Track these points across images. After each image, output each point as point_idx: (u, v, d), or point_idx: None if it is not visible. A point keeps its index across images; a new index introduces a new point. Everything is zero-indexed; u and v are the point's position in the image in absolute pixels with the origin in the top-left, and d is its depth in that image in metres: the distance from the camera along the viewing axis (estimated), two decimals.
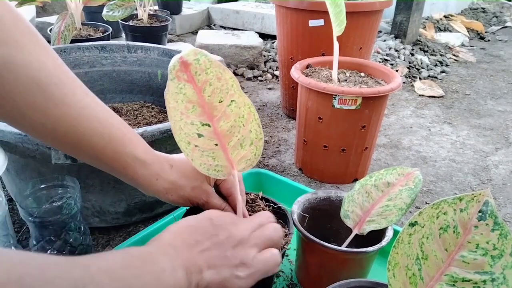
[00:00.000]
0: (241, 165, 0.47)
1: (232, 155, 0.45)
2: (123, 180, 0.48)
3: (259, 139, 0.45)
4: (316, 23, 1.15)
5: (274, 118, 1.37)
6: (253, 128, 0.45)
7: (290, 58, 1.26)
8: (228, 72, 0.42)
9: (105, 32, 1.48)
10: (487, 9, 3.37)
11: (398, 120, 1.40)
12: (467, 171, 1.09)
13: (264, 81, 1.72)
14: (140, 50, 1.11)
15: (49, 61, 0.41)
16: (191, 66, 0.40)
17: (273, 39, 2.25)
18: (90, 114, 0.44)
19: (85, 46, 1.06)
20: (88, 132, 0.43)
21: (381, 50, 2.03)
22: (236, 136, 0.44)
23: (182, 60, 0.40)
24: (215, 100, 0.42)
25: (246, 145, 0.45)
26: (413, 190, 0.57)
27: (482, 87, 1.76)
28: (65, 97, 0.42)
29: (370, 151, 0.96)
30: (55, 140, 0.44)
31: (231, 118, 0.43)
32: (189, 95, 0.42)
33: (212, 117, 0.43)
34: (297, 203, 0.63)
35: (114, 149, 0.45)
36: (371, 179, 0.61)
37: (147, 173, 0.46)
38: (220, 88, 0.42)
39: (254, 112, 0.44)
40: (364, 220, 0.58)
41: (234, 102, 0.43)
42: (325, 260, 0.59)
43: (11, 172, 0.73)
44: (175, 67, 0.41)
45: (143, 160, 0.46)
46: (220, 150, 0.45)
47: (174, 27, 2.39)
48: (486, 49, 2.41)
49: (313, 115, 0.91)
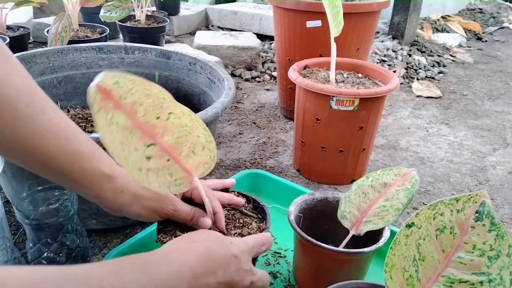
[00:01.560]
0: (199, 170, 0.46)
1: (187, 164, 0.44)
2: (88, 197, 0.48)
3: (209, 142, 0.45)
4: (313, 24, 1.15)
5: (272, 119, 1.37)
6: (200, 133, 0.44)
7: (288, 59, 1.26)
8: (155, 86, 0.40)
9: (103, 33, 1.48)
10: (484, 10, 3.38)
11: (396, 121, 1.40)
12: (464, 172, 1.09)
13: (262, 82, 1.72)
14: (138, 51, 1.11)
15: (19, 78, 0.42)
16: (113, 91, 0.37)
17: (271, 40, 2.25)
18: (59, 132, 0.44)
19: (82, 47, 1.06)
20: (57, 150, 0.43)
21: (378, 51, 2.03)
22: (185, 145, 0.43)
23: (100, 88, 0.37)
24: (151, 118, 0.40)
25: (198, 151, 0.44)
26: (409, 190, 0.57)
27: (480, 88, 1.77)
28: (35, 115, 0.42)
29: (367, 152, 0.96)
30: (21, 158, 0.44)
31: (175, 130, 0.42)
32: (122, 122, 0.38)
33: (154, 136, 0.41)
34: (294, 204, 0.63)
35: (81, 166, 0.45)
36: (367, 179, 0.61)
37: (112, 187, 0.47)
38: (152, 104, 0.40)
39: (196, 118, 0.43)
40: (361, 221, 0.58)
41: (172, 114, 0.41)
42: (322, 261, 0.59)
43: (8, 174, 0.72)
44: (96, 97, 0.37)
45: (109, 174, 0.46)
46: (174, 164, 0.43)
47: (172, 28, 2.39)
48: (484, 50, 2.42)
49: (310, 116, 0.91)
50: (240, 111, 1.42)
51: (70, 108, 1.04)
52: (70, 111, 1.01)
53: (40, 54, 0.99)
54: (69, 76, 1.05)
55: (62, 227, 0.59)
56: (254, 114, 1.40)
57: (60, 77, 1.04)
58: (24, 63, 0.96)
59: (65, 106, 1.05)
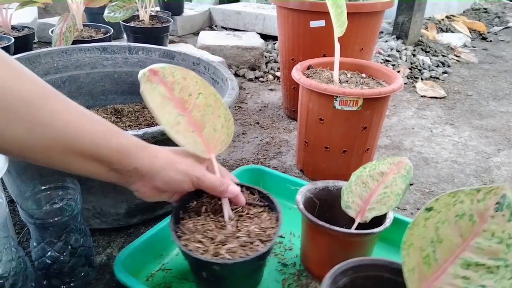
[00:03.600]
0: (217, 147, 0.54)
1: (208, 141, 0.53)
2: (123, 175, 0.49)
3: (228, 120, 0.54)
4: (317, 24, 1.15)
5: (275, 119, 1.36)
6: (221, 112, 0.53)
7: (291, 59, 1.26)
8: (191, 72, 0.50)
9: (107, 33, 1.48)
10: (489, 10, 3.36)
11: (400, 121, 1.39)
12: (469, 173, 1.08)
13: (265, 82, 1.72)
14: (142, 51, 1.11)
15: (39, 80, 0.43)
16: (159, 72, 0.48)
17: (274, 40, 2.25)
18: (89, 116, 0.45)
19: (87, 47, 1.06)
20: (94, 132, 0.45)
21: (382, 51, 2.02)
22: (208, 123, 0.52)
23: (150, 69, 0.48)
24: (185, 95, 0.50)
25: (218, 128, 0.53)
26: (406, 176, 0.62)
27: (484, 88, 1.76)
28: (65, 105, 0.43)
29: (371, 153, 0.96)
30: (64, 154, 0.43)
31: (201, 108, 0.51)
32: (162, 92, 0.49)
33: (184, 110, 0.50)
34: (300, 193, 0.66)
35: (118, 141, 0.47)
36: (365, 170, 0.65)
37: (147, 153, 0.49)
38: (187, 85, 0.50)
39: (219, 99, 0.52)
40: (365, 209, 0.62)
41: (201, 94, 0.51)
42: (332, 244, 0.62)
43: (12, 173, 0.73)
44: (145, 74, 0.47)
45: (142, 144, 0.49)
46: (197, 136, 0.52)
47: (175, 28, 2.39)
48: (488, 50, 2.41)
49: (314, 116, 0.91)
50: (244, 111, 1.42)
51: None
52: None
53: (44, 54, 1.00)
54: (73, 76, 1.06)
55: (66, 226, 0.60)
56: (258, 114, 1.40)
57: (65, 77, 1.04)
58: (29, 63, 0.96)
59: None
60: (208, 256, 0.50)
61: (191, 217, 0.56)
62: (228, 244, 0.52)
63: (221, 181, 0.53)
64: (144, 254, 0.66)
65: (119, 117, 1.05)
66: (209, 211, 0.57)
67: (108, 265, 0.71)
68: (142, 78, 0.47)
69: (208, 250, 0.51)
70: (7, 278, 0.50)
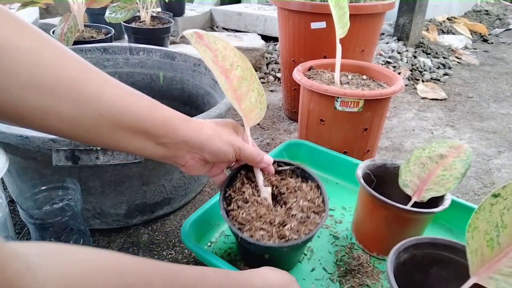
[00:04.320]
0: (252, 119, 0.56)
1: (244, 111, 0.55)
2: (170, 149, 0.48)
3: (261, 95, 0.55)
4: (318, 26, 1.15)
5: (276, 120, 1.36)
6: (255, 87, 0.55)
7: (292, 60, 1.26)
8: (230, 45, 0.52)
9: (108, 34, 1.48)
10: (490, 12, 3.36)
11: (401, 123, 1.39)
12: (469, 175, 1.08)
13: (266, 83, 1.72)
14: (142, 52, 1.11)
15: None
16: (204, 36, 0.50)
17: (275, 41, 2.25)
18: (129, 89, 0.44)
19: (88, 48, 1.07)
20: (136, 107, 0.43)
21: (383, 52, 2.02)
22: (244, 95, 0.54)
23: (196, 32, 0.50)
24: (227, 63, 0.52)
25: (253, 102, 0.55)
26: (465, 161, 0.63)
27: (485, 90, 1.76)
28: (108, 80, 0.42)
29: (372, 154, 0.96)
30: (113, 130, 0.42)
31: (239, 80, 0.53)
32: (211, 56, 0.51)
33: (228, 78, 0.52)
34: (360, 168, 0.69)
35: (162, 114, 0.46)
36: (424, 151, 0.66)
37: (193, 125, 0.49)
38: (228, 55, 0.52)
39: (254, 74, 0.54)
40: (422, 189, 0.64)
41: (239, 67, 0.53)
42: (390, 220, 0.64)
43: (13, 173, 0.73)
44: (193, 35, 0.49)
45: (185, 117, 0.49)
46: (236, 102, 0.54)
47: (176, 29, 2.39)
48: (490, 52, 2.41)
49: (315, 117, 0.91)
50: None
51: None
52: None
53: None
54: None
55: (66, 226, 0.59)
56: None
57: None
58: None
59: None
60: (275, 241, 0.52)
61: (239, 206, 0.57)
62: (288, 224, 0.54)
63: (258, 152, 0.55)
64: (204, 223, 0.70)
65: None
66: (252, 192, 0.58)
67: None
68: (191, 38, 0.49)
69: (272, 235, 0.53)
70: None
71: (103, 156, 0.63)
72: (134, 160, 0.66)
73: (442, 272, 0.54)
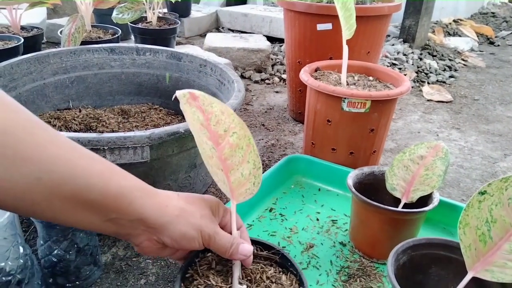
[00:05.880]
0: (241, 195, 0.48)
1: (233, 185, 0.47)
2: (121, 227, 0.40)
3: (257, 168, 0.47)
4: (324, 27, 1.15)
5: (281, 121, 1.36)
6: (251, 158, 0.47)
7: (298, 62, 1.26)
8: (229, 109, 0.45)
9: (115, 35, 1.49)
10: (497, 14, 3.35)
11: (406, 125, 1.39)
12: (475, 177, 1.08)
13: (271, 84, 1.72)
14: (149, 53, 1.12)
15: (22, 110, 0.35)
16: (199, 98, 0.44)
17: (281, 42, 2.25)
18: (81, 153, 0.36)
19: (95, 48, 1.07)
20: (87, 171, 0.36)
21: (389, 54, 2.02)
22: (236, 166, 0.47)
23: (190, 92, 0.44)
24: (220, 129, 0.45)
25: (246, 175, 0.47)
26: (444, 159, 0.66)
27: (491, 93, 1.75)
28: (53, 138, 0.35)
29: (378, 155, 0.96)
30: (49, 197, 0.34)
31: (233, 148, 0.46)
32: (201, 120, 0.45)
33: (218, 145, 0.45)
34: (350, 178, 0.71)
35: (118, 184, 0.37)
36: (405, 154, 0.69)
37: (156, 202, 0.41)
38: (224, 120, 0.45)
39: (253, 144, 0.46)
40: (410, 190, 0.68)
41: (235, 133, 0.45)
42: (385, 223, 0.67)
43: None
44: (185, 95, 0.44)
45: (149, 189, 0.41)
46: (224, 176, 0.46)
47: (182, 30, 2.40)
48: (496, 54, 2.40)
49: (321, 118, 0.91)
50: (249, 113, 1.42)
51: (82, 108, 1.05)
52: (82, 110, 1.02)
53: (53, 54, 1.01)
54: (81, 76, 1.06)
55: None
56: (263, 116, 1.40)
57: (73, 77, 1.05)
58: (38, 63, 0.97)
59: (77, 106, 1.06)
60: None
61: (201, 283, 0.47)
62: None
63: (231, 242, 0.45)
64: None
65: (126, 118, 1.06)
66: (217, 272, 0.49)
67: (113, 264, 0.71)
68: (182, 98, 0.44)
69: None
70: (14, 275, 0.51)
71: (110, 156, 0.63)
72: (141, 160, 0.66)
73: (441, 272, 0.55)
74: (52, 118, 0.96)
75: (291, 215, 0.82)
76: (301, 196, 0.89)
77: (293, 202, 0.86)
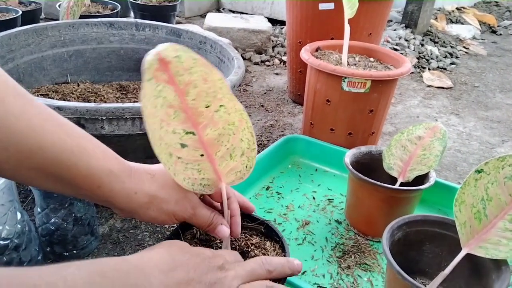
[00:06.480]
0: (230, 177, 0.42)
1: (220, 167, 0.40)
2: (95, 201, 0.40)
3: (251, 149, 0.41)
4: (326, 7, 1.13)
5: (280, 103, 1.36)
6: (245, 137, 0.40)
7: (299, 42, 1.25)
8: (216, 73, 0.36)
9: (114, 10, 1.47)
10: (500, 3, 3.32)
11: (405, 109, 1.39)
12: (472, 162, 1.08)
13: (271, 66, 1.71)
14: (148, 28, 1.10)
15: None
16: (170, 64, 0.34)
17: (282, 24, 2.23)
18: (55, 126, 0.36)
19: (94, 22, 1.06)
20: (57, 147, 0.35)
21: (391, 39, 2.00)
22: (225, 145, 0.39)
23: (160, 57, 0.34)
24: (201, 105, 0.37)
25: (236, 156, 0.40)
26: (442, 139, 0.67)
27: (492, 80, 1.75)
28: (26, 108, 0.34)
29: (376, 136, 0.96)
30: (16, 167, 0.34)
31: (220, 125, 0.38)
32: (170, 99, 0.36)
33: (197, 124, 0.37)
34: (347, 156, 0.72)
35: (87, 165, 0.36)
36: (403, 134, 0.70)
37: (125, 188, 0.39)
38: (207, 91, 0.36)
39: (246, 119, 0.39)
40: (406, 170, 0.68)
41: (223, 107, 0.37)
42: (381, 201, 0.67)
43: None
44: (152, 65, 0.34)
45: (118, 173, 0.39)
46: (206, 161, 0.40)
47: (182, 10, 2.37)
48: (498, 43, 2.38)
49: (321, 97, 0.90)
50: (249, 94, 1.41)
51: (80, 82, 1.04)
52: (80, 85, 1.01)
53: (51, 27, 0.99)
54: (79, 50, 1.05)
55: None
56: (263, 97, 1.40)
57: (71, 51, 1.04)
58: (36, 35, 0.96)
59: (75, 81, 1.05)
60: None
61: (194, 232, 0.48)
62: None
63: (210, 221, 0.43)
64: None
65: (125, 93, 1.05)
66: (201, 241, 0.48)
67: (111, 235, 0.71)
68: (148, 70, 0.34)
69: None
70: (12, 239, 0.51)
71: (108, 126, 0.63)
72: (139, 132, 0.66)
73: (436, 249, 0.55)
74: (50, 91, 0.95)
75: (288, 194, 0.83)
76: (298, 175, 0.89)
77: (290, 181, 0.87)
